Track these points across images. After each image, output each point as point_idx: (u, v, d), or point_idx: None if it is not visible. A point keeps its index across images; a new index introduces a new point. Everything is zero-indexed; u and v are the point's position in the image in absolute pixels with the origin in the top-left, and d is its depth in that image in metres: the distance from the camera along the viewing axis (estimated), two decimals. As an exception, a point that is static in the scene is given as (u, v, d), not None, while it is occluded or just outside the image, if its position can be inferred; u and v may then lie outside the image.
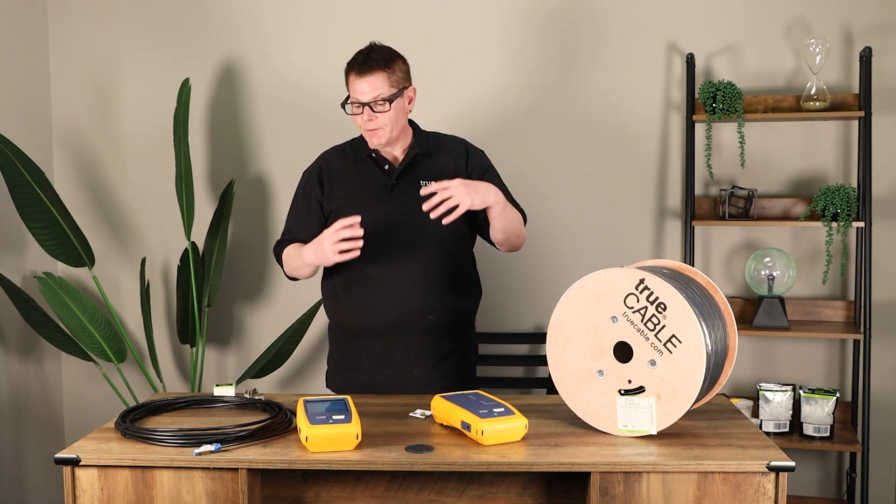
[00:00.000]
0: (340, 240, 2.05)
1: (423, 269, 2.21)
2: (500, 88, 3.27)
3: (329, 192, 2.28)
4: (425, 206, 2.03)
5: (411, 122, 2.32)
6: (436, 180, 2.22)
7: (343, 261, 2.08)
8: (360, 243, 2.06)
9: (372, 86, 2.13)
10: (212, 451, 1.65)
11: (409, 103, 2.24)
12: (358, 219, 2.05)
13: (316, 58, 3.33)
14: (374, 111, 2.14)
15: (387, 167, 2.25)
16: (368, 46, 2.19)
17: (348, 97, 2.19)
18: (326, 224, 2.24)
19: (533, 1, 3.23)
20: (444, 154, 2.30)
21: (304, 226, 2.30)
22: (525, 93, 3.26)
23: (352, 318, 2.27)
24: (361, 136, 2.29)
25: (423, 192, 2.06)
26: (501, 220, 2.17)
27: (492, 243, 2.30)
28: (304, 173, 2.36)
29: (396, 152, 2.27)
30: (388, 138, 2.20)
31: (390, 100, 2.15)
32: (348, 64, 2.19)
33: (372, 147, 2.23)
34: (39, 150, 3.35)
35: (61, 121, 3.46)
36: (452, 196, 2.02)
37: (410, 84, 2.23)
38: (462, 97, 3.25)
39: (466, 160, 2.31)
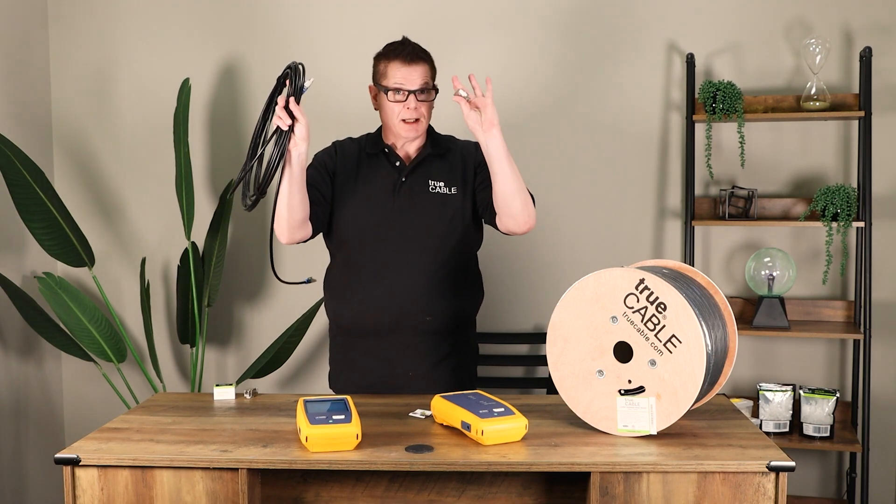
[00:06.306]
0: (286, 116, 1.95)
1: (423, 269, 2.19)
2: (500, 88, 3.25)
3: (337, 178, 2.25)
4: (458, 86, 2.01)
5: None
6: (445, 182, 2.22)
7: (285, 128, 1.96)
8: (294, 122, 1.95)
9: (421, 74, 2.15)
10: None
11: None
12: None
13: (316, 57, 3.33)
14: (418, 100, 2.15)
15: (398, 164, 2.23)
16: (404, 39, 2.21)
17: (382, 87, 2.16)
18: (333, 208, 2.22)
19: (534, 2, 3.23)
20: (456, 157, 2.28)
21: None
22: (525, 93, 3.26)
23: (350, 317, 2.26)
24: (377, 133, 2.28)
25: (459, 86, 2.02)
26: (502, 174, 2.08)
27: (494, 224, 2.21)
28: (315, 155, 2.29)
29: (411, 150, 2.26)
30: (423, 130, 2.20)
31: (435, 89, 2.19)
32: (387, 53, 2.18)
33: (405, 138, 2.20)
34: (39, 150, 3.35)
35: (61, 121, 3.46)
36: (484, 106, 1.99)
37: None
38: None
39: (476, 158, 2.26)
